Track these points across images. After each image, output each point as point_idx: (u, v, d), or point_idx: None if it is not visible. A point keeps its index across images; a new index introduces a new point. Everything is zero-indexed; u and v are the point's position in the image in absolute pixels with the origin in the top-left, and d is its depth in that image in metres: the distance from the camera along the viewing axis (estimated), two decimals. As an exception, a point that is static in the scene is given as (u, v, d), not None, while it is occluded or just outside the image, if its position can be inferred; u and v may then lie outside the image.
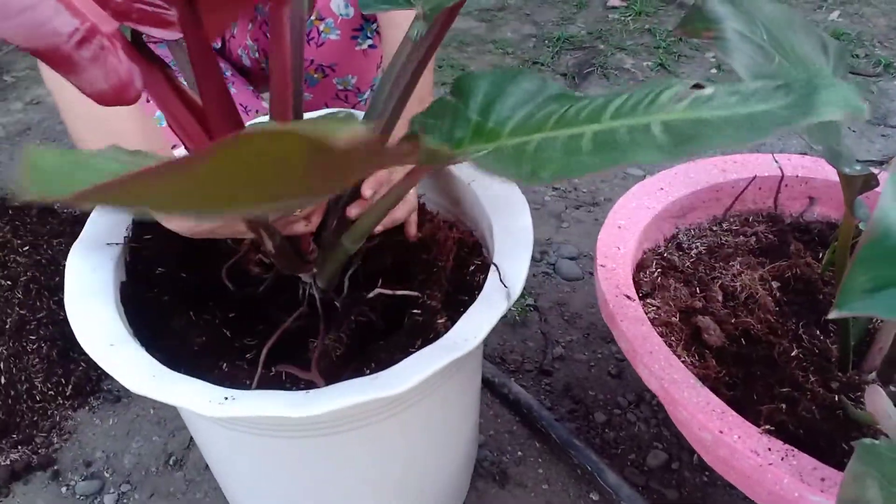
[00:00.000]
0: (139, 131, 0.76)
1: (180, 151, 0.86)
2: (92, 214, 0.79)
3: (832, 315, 0.39)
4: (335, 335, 0.73)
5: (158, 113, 1.13)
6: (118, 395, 1.09)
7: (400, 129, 0.65)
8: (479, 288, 0.76)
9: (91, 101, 0.49)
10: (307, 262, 0.69)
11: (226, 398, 0.62)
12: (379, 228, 0.75)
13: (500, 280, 0.70)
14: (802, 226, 1.08)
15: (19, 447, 1.02)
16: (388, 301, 0.76)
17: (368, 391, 0.61)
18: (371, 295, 0.73)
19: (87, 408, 1.08)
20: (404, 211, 0.78)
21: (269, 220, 0.61)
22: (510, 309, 0.91)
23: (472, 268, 0.78)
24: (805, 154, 1.56)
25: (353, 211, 0.72)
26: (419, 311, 0.72)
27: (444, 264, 0.77)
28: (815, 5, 2.08)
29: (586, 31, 2.10)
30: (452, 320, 0.71)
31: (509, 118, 0.48)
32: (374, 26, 1.16)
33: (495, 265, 0.71)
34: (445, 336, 0.67)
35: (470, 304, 0.75)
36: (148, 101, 1.09)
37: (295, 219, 0.65)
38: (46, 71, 0.72)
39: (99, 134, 0.76)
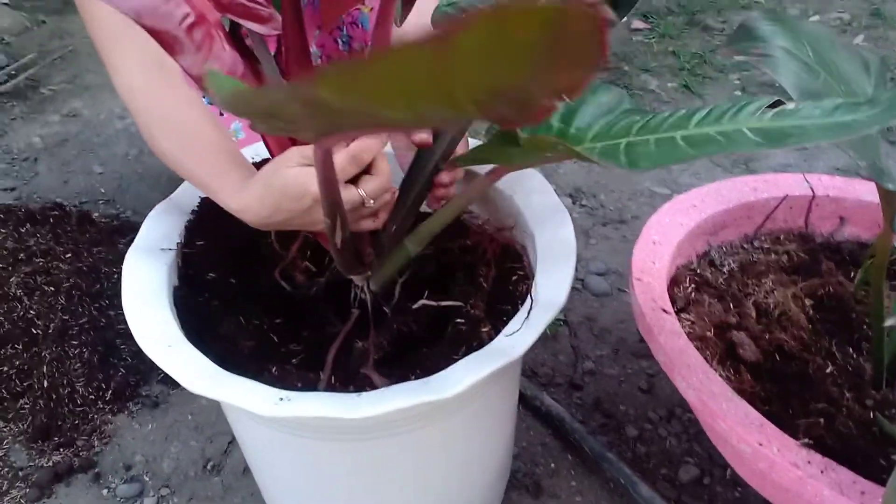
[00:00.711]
0: (215, 133, 0.77)
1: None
2: (146, 221, 0.82)
3: (889, 322, 0.41)
4: (378, 341, 0.75)
5: (235, 125, 1.17)
6: (156, 401, 1.11)
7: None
8: (522, 298, 0.78)
9: (167, 105, 0.52)
10: (363, 265, 0.71)
11: (280, 399, 0.64)
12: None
13: (530, 295, 0.71)
14: (833, 245, 1.09)
15: (61, 449, 1.04)
16: (431, 309, 0.78)
17: (421, 394, 0.63)
18: (416, 306, 0.75)
19: (126, 412, 1.10)
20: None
21: (345, 210, 0.63)
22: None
23: (514, 278, 0.80)
24: (833, 175, 1.57)
25: (439, 192, 0.73)
26: (462, 321, 0.74)
27: (487, 273, 0.78)
28: (839, 29, 2.09)
29: (611, 53, 2.13)
30: (496, 329, 0.73)
31: (590, 126, 0.53)
32: None
33: (533, 278, 0.73)
34: (491, 344, 0.69)
35: (512, 315, 0.77)
36: (222, 115, 1.12)
37: (367, 211, 0.67)
38: (132, 78, 0.74)
39: (174, 136, 0.77)
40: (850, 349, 0.91)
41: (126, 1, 0.48)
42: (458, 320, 0.74)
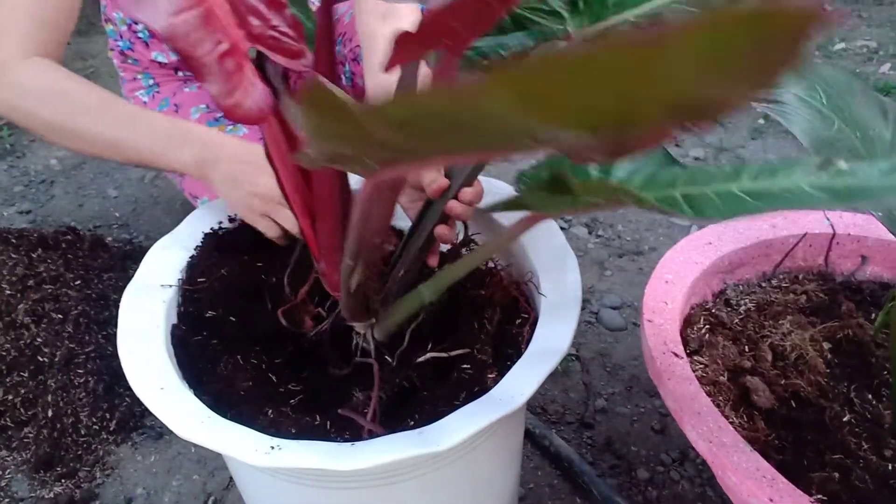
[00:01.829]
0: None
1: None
2: (147, 256, 0.81)
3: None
4: (380, 394, 0.73)
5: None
6: (160, 432, 1.10)
7: None
8: (525, 341, 0.76)
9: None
10: (368, 311, 0.69)
11: (272, 447, 0.62)
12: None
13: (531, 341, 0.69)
14: (854, 285, 1.06)
15: (63, 480, 1.03)
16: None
17: (414, 446, 0.61)
18: (422, 359, 0.73)
19: (129, 443, 1.09)
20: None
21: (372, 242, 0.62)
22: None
23: (517, 321, 0.77)
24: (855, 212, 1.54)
25: (441, 229, 0.73)
26: (468, 367, 0.72)
27: (492, 316, 0.76)
28: (865, 58, 2.06)
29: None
30: (500, 374, 0.71)
31: (631, 177, 0.53)
32: None
33: (536, 322, 0.71)
34: (492, 391, 0.66)
35: (515, 358, 0.74)
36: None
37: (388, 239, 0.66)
38: None
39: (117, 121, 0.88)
40: (870, 395, 0.88)
41: (161, 18, 0.48)
42: (464, 365, 0.72)
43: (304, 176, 0.70)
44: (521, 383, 0.65)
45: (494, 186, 0.85)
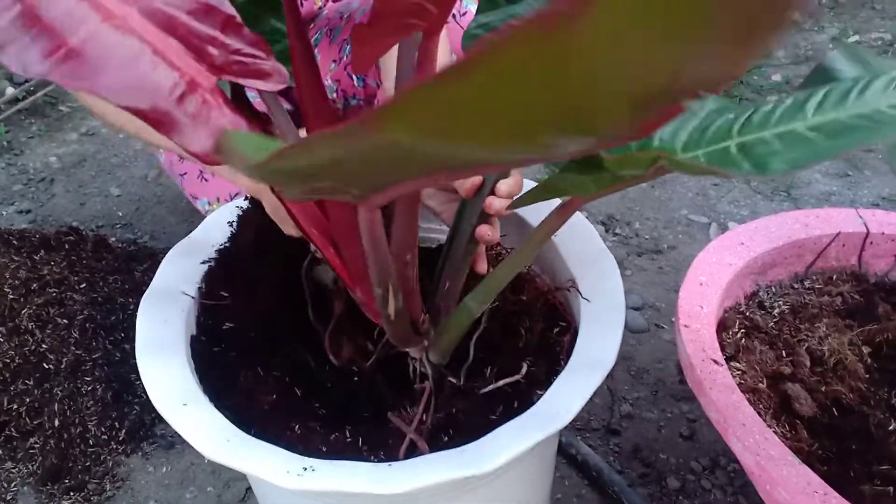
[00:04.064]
0: None
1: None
2: (163, 263, 0.77)
3: None
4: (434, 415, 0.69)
5: None
6: (172, 442, 1.06)
7: None
8: (564, 352, 0.72)
9: None
10: (419, 334, 0.64)
11: (304, 468, 0.59)
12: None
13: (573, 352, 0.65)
14: (888, 286, 1.02)
15: (71, 493, 0.99)
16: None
17: (456, 468, 0.57)
18: (489, 389, 0.67)
19: (140, 453, 1.05)
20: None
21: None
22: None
23: (556, 330, 0.74)
24: (879, 206, 1.50)
25: (483, 230, 0.66)
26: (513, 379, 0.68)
27: (534, 326, 0.72)
28: (880, 49, 2.02)
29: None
30: (538, 386, 0.67)
31: (675, 134, 0.46)
32: None
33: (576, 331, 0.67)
34: (535, 407, 0.63)
35: (553, 368, 0.71)
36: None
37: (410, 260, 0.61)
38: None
39: None
40: (914, 402, 0.85)
41: (102, 83, 0.42)
42: (507, 378, 0.68)
43: (319, 204, 0.65)
44: (566, 398, 0.62)
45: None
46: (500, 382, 0.67)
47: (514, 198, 0.65)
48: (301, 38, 0.54)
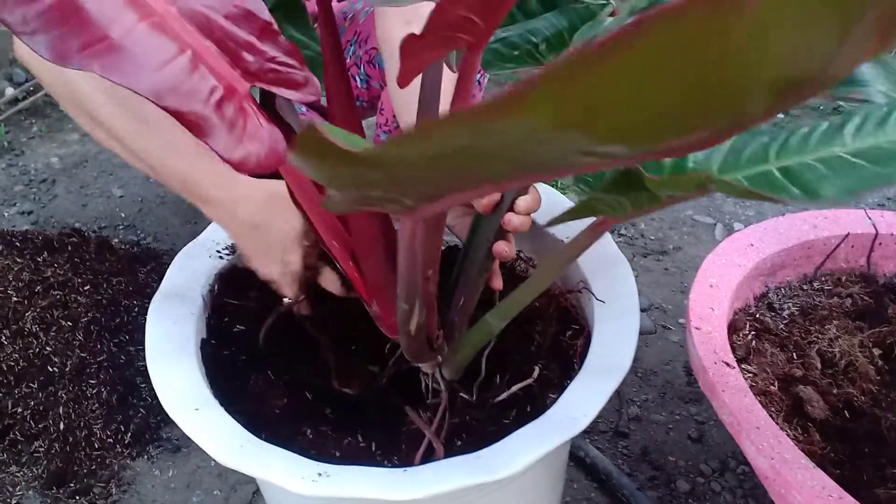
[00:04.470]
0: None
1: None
2: (171, 266, 0.76)
3: None
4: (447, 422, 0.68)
5: None
6: (178, 445, 1.06)
7: None
8: (577, 355, 0.71)
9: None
10: (432, 350, 0.64)
11: (319, 474, 0.58)
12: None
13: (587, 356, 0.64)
14: (897, 287, 1.02)
15: (77, 497, 0.98)
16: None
17: (472, 474, 0.57)
18: (503, 396, 0.67)
19: (146, 457, 1.04)
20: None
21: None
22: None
23: (568, 333, 0.73)
24: (882, 206, 1.50)
25: (500, 246, 0.65)
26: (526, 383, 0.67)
27: (546, 329, 0.72)
28: None
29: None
30: (551, 390, 0.67)
31: (709, 157, 0.46)
32: None
33: (590, 335, 0.67)
34: (550, 412, 0.62)
35: (566, 372, 0.70)
36: None
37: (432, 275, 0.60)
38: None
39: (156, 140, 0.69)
40: (926, 405, 0.84)
41: (143, 80, 0.41)
42: (520, 383, 0.67)
43: (341, 217, 0.64)
44: (582, 403, 0.61)
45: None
46: (513, 388, 0.66)
47: (532, 214, 0.65)
48: (335, 50, 0.53)
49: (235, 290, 0.76)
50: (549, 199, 0.77)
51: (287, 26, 0.61)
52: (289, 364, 0.74)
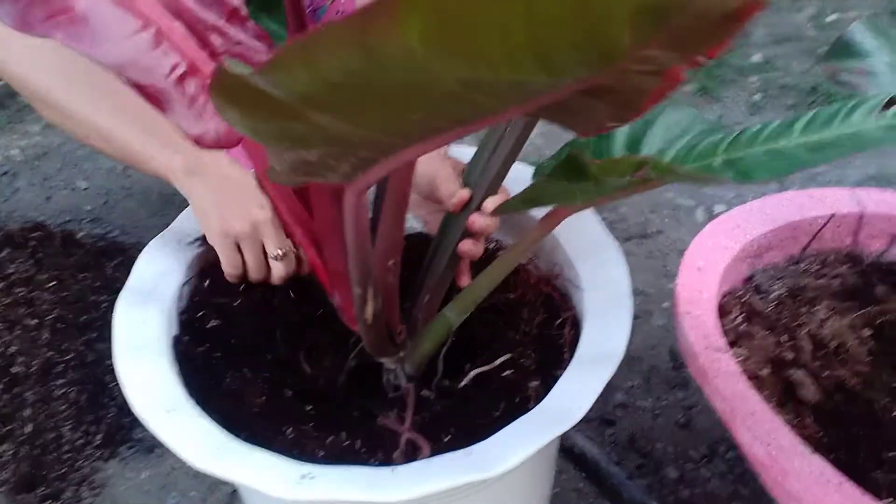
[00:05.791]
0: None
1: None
2: (139, 259, 0.72)
3: None
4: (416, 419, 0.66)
5: None
6: (151, 445, 1.02)
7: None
8: (567, 345, 0.69)
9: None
10: (395, 345, 0.62)
11: (303, 476, 0.55)
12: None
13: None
14: (885, 266, 1.01)
15: (48, 501, 0.95)
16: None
17: (464, 472, 0.54)
18: (465, 382, 0.65)
19: (118, 458, 1.01)
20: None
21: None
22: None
23: (557, 321, 0.71)
24: (863, 186, 1.49)
25: (466, 245, 0.64)
26: (511, 372, 0.65)
27: (531, 317, 0.69)
28: (855, 28, 2.02)
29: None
30: (543, 382, 0.64)
31: (664, 151, 0.46)
32: None
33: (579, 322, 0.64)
34: (543, 404, 0.60)
35: (555, 362, 0.68)
36: None
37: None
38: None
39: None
40: (918, 385, 0.83)
41: (109, 54, 0.43)
42: (506, 373, 0.65)
43: (303, 199, 0.64)
44: (576, 395, 0.59)
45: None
46: (471, 374, 0.65)
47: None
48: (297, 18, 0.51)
49: (209, 283, 0.73)
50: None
51: (263, 17, 0.61)
52: (267, 360, 0.71)
